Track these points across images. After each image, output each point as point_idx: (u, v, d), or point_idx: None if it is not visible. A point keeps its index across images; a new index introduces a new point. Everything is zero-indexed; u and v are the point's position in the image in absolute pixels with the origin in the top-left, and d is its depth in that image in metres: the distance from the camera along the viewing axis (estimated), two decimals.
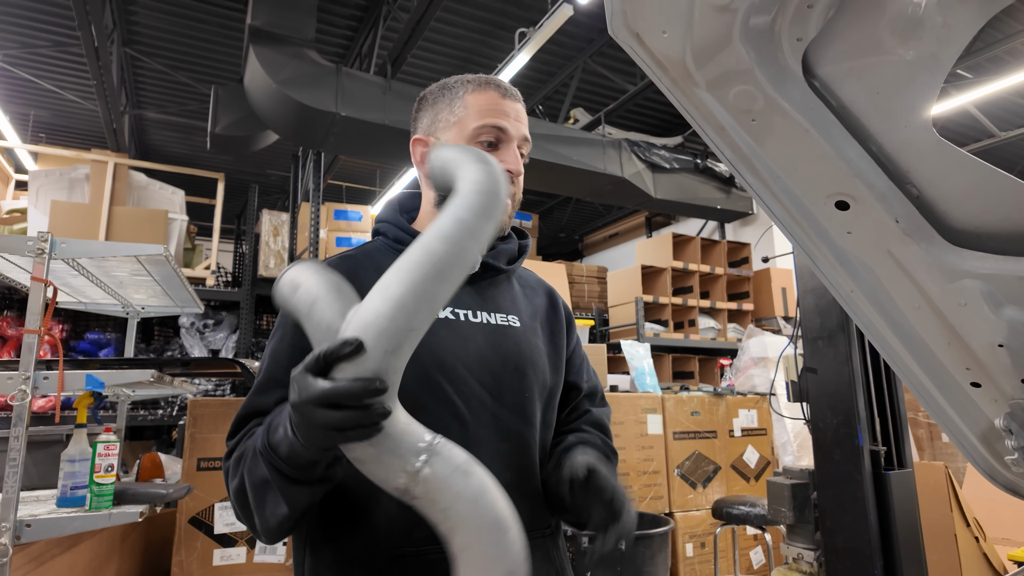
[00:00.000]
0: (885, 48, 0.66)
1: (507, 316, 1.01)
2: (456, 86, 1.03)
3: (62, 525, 1.66)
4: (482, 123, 0.98)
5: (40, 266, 1.69)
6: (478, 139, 0.98)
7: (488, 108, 0.99)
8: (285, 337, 0.91)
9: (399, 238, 1.02)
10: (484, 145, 0.98)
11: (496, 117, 0.98)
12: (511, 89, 1.03)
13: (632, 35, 0.73)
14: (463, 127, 0.99)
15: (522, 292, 1.09)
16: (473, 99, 1.00)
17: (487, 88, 1.01)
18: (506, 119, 0.99)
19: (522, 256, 1.09)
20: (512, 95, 1.03)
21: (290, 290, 0.75)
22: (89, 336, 4.87)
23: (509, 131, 0.99)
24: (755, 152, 0.80)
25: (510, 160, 0.98)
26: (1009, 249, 0.76)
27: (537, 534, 0.92)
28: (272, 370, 0.89)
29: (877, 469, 1.83)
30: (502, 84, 1.03)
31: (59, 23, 5.13)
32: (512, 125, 0.99)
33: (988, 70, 5.70)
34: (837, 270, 0.88)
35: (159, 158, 7.53)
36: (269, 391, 0.88)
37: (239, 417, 0.88)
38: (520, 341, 1.00)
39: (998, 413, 0.91)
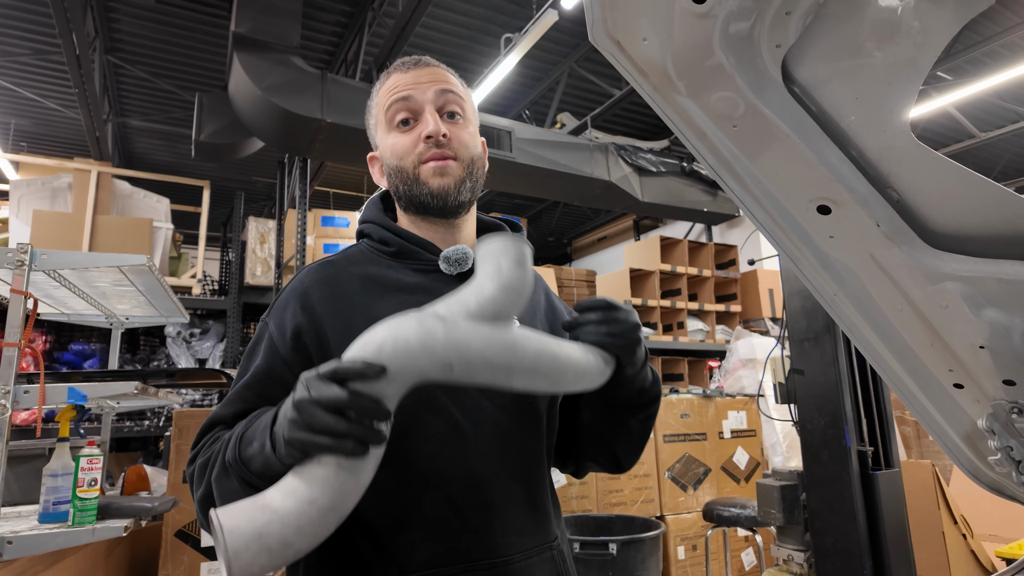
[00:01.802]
0: (863, 53, 0.67)
1: None
2: (373, 90, 1.02)
3: (44, 541, 1.63)
4: (387, 103, 0.95)
5: (20, 278, 1.66)
6: (394, 123, 0.95)
7: (391, 89, 0.96)
8: (265, 358, 0.87)
9: (385, 239, 0.96)
10: (399, 126, 0.94)
11: (399, 92, 0.94)
12: (416, 59, 0.99)
13: (613, 42, 0.73)
14: (380, 120, 0.97)
15: None
16: (382, 92, 0.98)
17: (391, 73, 0.98)
18: (412, 88, 0.94)
19: None
20: (417, 64, 0.98)
21: None
22: (73, 347, 4.81)
23: (413, 96, 0.94)
24: (737, 157, 0.80)
25: (427, 126, 0.92)
26: (988, 252, 0.77)
27: (545, 548, 0.89)
28: (242, 387, 0.86)
29: (865, 469, 1.84)
30: (408, 59, 0.99)
31: (40, 31, 5.08)
32: (416, 91, 0.94)
33: (967, 72, 5.79)
34: (820, 274, 0.88)
35: (143, 166, 7.47)
36: (232, 403, 0.85)
37: (205, 425, 0.86)
38: None
39: (981, 414, 0.91)
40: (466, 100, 0.99)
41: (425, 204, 0.93)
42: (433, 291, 0.90)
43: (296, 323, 0.86)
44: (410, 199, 0.94)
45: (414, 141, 0.93)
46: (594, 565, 2.35)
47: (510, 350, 0.71)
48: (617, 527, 2.80)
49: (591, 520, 2.88)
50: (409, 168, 0.93)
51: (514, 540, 0.84)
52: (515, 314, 0.76)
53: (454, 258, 0.92)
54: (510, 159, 4.92)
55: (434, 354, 0.67)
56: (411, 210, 0.96)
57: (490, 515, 0.82)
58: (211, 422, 0.85)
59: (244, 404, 0.84)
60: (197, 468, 0.80)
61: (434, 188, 0.92)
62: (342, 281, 0.91)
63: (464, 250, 0.93)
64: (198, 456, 0.82)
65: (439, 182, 0.92)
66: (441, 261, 0.93)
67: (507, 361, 0.71)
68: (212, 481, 0.76)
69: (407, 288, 0.91)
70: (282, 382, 0.83)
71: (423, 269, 0.93)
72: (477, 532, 0.81)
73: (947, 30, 0.62)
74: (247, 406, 0.84)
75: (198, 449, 0.83)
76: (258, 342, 0.90)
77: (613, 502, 3.17)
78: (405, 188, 0.94)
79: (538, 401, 0.94)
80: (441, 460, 0.82)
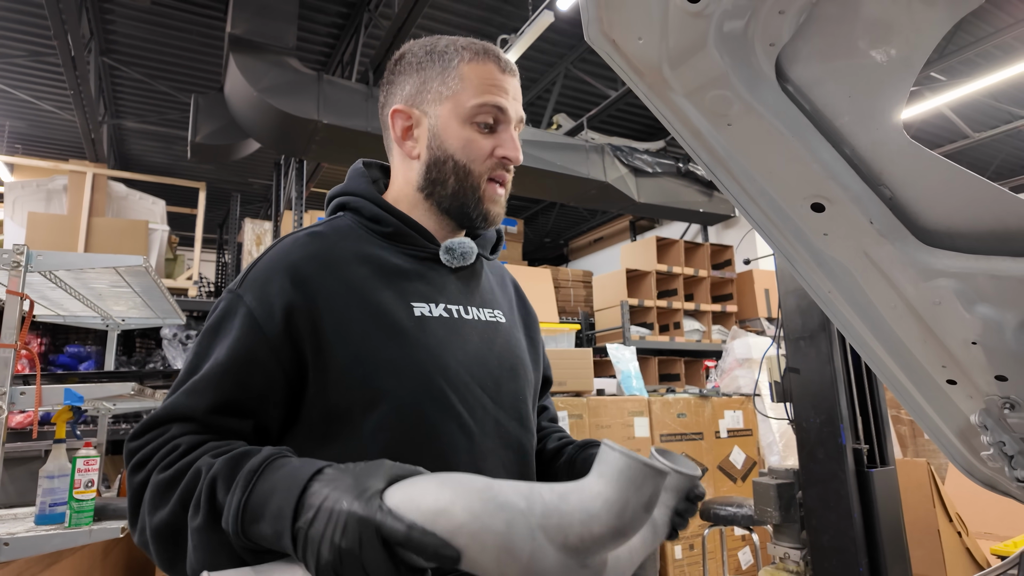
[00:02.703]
0: (856, 52, 0.67)
1: (493, 311, 0.94)
2: (450, 52, 0.90)
3: (41, 543, 1.62)
4: (481, 101, 0.87)
5: (16, 279, 1.66)
6: (475, 119, 0.88)
7: (488, 83, 0.88)
8: (243, 338, 0.75)
9: (378, 217, 0.88)
10: (481, 127, 0.88)
11: (497, 95, 0.88)
12: (509, 62, 0.92)
13: (608, 41, 0.74)
14: (458, 103, 0.87)
15: (495, 280, 1.01)
16: (470, 70, 0.88)
17: (486, 59, 0.89)
18: (506, 97, 0.89)
19: (499, 243, 1.02)
20: (511, 69, 0.92)
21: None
22: (68, 349, 4.80)
23: (509, 112, 0.89)
24: (731, 156, 0.81)
25: (508, 145, 0.89)
26: (980, 248, 0.77)
27: None
28: (215, 374, 0.73)
29: (860, 467, 1.85)
30: (501, 55, 0.91)
31: (35, 32, 5.07)
32: (511, 105, 0.89)
33: (961, 72, 5.82)
34: (815, 271, 0.89)
35: (139, 168, 7.45)
36: (202, 393, 0.73)
37: (161, 416, 0.73)
38: (509, 338, 0.93)
39: (974, 409, 0.92)
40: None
41: (469, 217, 0.90)
42: (431, 280, 0.88)
43: (287, 300, 0.77)
44: (457, 201, 0.89)
45: (491, 150, 0.89)
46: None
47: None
48: None
49: None
50: (477, 176, 0.89)
51: None
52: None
53: (459, 251, 0.89)
54: None
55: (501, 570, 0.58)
56: (442, 204, 0.90)
57: None
58: (169, 414, 0.73)
59: (219, 394, 0.73)
60: (155, 485, 0.68)
61: (490, 213, 0.90)
62: (337, 257, 0.83)
63: (468, 244, 0.90)
64: (150, 463, 0.70)
65: (496, 209, 0.91)
66: (443, 252, 0.89)
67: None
68: (192, 529, 0.65)
69: (405, 274, 0.86)
70: (264, 369, 0.75)
71: (418, 255, 0.89)
72: None
73: (938, 29, 0.63)
74: (224, 397, 0.73)
75: (149, 451, 0.71)
76: (227, 318, 0.77)
77: None
78: (458, 188, 0.89)
79: (528, 400, 0.93)
80: (453, 459, 0.80)
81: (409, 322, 0.82)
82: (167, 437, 0.71)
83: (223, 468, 0.65)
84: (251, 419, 0.75)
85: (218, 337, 0.77)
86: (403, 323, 0.81)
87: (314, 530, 0.57)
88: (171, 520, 0.67)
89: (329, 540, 0.56)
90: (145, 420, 0.73)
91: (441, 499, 0.58)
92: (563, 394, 3.28)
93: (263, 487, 0.62)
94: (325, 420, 0.78)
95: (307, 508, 0.59)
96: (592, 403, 3.26)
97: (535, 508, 0.60)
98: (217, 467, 0.65)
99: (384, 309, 0.81)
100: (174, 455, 0.69)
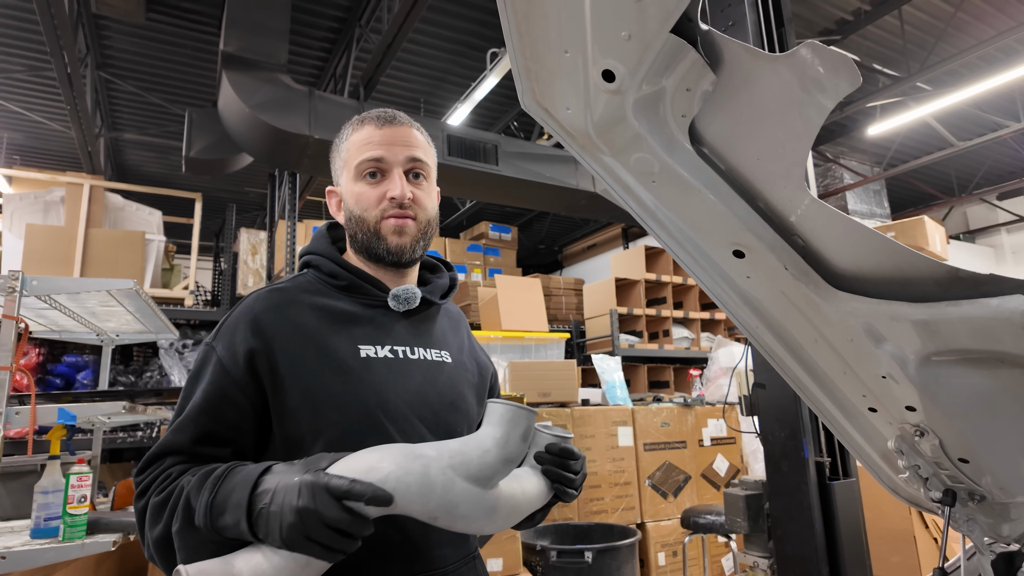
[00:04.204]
0: (757, 121, 0.75)
1: (440, 352, 1.04)
2: (344, 130, 1.06)
3: (36, 556, 1.70)
4: (360, 159, 0.99)
5: (11, 303, 1.73)
6: (362, 176, 1.00)
7: (365, 142, 1.00)
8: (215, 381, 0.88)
9: (334, 272, 1.01)
10: (367, 179, 1.00)
11: (371, 149, 0.99)
12: (391, 115, 1.03)
13: (541, 109, 0.82)
14: (349, 168, 1.02)
15: (450, 326, 1.12)
16: (354, 138, 1.02)
17: (364, 123, 1.03)
18: (382, 148, 0.99)
19: (452, 289, 1.11)
20: (392, 121, 1.02)
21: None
22: (66, 359, 4.87)
23: (387, 159, 0.99)
24: (658, 208, 0.88)
25: (392, 187, 0.98)
26: (883, 292, 0.85)
27: (469, 559, 0.99)
28: (194, 413, 0.87)
29: (823, 479, 1.92)
30: (382, 114, 1.03)
31: (32, 47, 5.15)
32: (390, 152, 1.00)
33: (945, 83, 5.91)
34: (742, 308, 0.97)
35: (135, 179, 7.53)
36: (185, 429, 0.86)
37: (155, 453, 0.86)
38: (453, 376, 1.04)
39: (892, 435, 1.00)
40: (430, 163, 1.05)
41: (380, 256, 1.00)
42: (380, 325, 0.99)
43: (248, 347, 0.89)
44: (367, 247, 1.01)
45: (379, 196, 0.99)
46: (570, 573, 2.43)
47: (490, 512, 0.81)
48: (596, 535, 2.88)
49: (571, 528, 2.96)
50: (371, 221, 0.99)
51: (447, 553, 0.93)
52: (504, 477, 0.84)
53: (403, 297, 1.00)
54: (496, 172, 5.01)
55: (427, 504, 0.75)
56: (364, 254, 1.02)
57: (427, 530, 0.91)
58: (162, 450, 0.86)
59: (198, 429, 0.86)
60: (152, 507, 0.81)
61: (392, 246, 0.99)
62: (293, 308, 0.95)
63: (412, 290, 1.01)
64: (150, 491, 0.83)
65: (397, 241, 0.99)
66: (391, 299, 1.00)
67: (483, 520, 0.81)
68: (174, 533, 0.78)
69: (356, 320, 0.97)
70: (235, 405, 0.87)
71: (371, 304, 1.00)
72: (417, 547, 0.90)
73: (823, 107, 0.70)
74: (202, 431, 0.86)
75: (148, 481, 0.84)
76: (203, 366, 0.90)
77: (594, 510, 3.25)
78: (363, 237, 1.00)
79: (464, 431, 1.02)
80: None
81: (355, 362, 0.93)
82: (161, 468, 0.85)
83: (196, 480, 0.80)
84: (229, 447, 0.88)
85: (197, 383, 0.90)
86: (349, 363, 0.92)
87: (275, 505, 0.71)
88: (164, 533, 0.80)
89: (290, 505, 0.70)
90: (146, 456, 0.87)
91: (371, 459, 0.76)
92: (548, 405, 3.35)
93: (226, 487, 0.77)
94: (285, 446, 0.89)
95: (263, 494, 0.73)
96: (577, 413, 3.34)
97: (443, 453, 0.80)
98: (192, 480, 0.80)
99: (333, 351, 0.92)
100: (167, 481, 0.83)
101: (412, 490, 0.74)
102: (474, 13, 5.00)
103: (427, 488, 0.75)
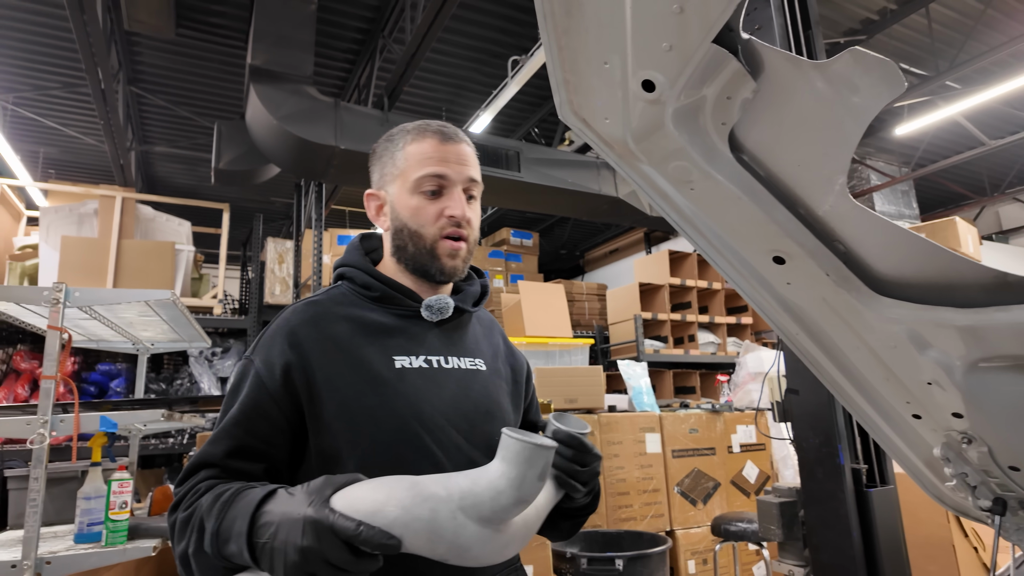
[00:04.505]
0: (798, 129, 0.75)
1: (474, 360, 1.04)
2: (397, 137, 1.04)
3: (80, 561, 1.74)
4: (422, 173, 0.99)
5: (56, 314, 1.79)
6: (420, 189, 0.99)
7: (427, 156, 0.99)
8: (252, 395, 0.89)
9: (367, 284, 1.01)
10: (427, 194, 0.99)
11: (435, 165, 0.99)
12: (451, 132, 1.03)
13: (579, 119, 0.83)
14: (406, 178, 1.00)
15: (482, 333, 1.11)
16: (413, 149, 1.01)
17: (425, 136, 1.01)
18: (445, 165, 0.99)
19: (484, 296, 1.11)
20: (453, 138, 1.02)
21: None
22: (100, 367, 4.99)
23: (450, 176, 0.99)
24: (697, 215, 0.88)
25: (453, 205, 0.99)
26: (927, 298, 0.84)
27: (512, 569, 0.99)
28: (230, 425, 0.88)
29: (859, 487, 1.89)
30: (443, 129, 1.03)
31: (68, 65, 5.31)
32: (453, 170, 1.00)
33: (976, 81, 5.80)
34: (781, 315, 0.96)
35: (165, 190, 7.70)
36: (220, 441, 0.87)
37: (192, 465, 0.87)
38: (488, 384, 1.03)
39: (937, 443, 0.98)
40: (480, 183, 1.05)
41: (431, 275, 1.01)
42: (414, 335, 0.99)
43: (285, 360, 0.90)
44: (417, 262, 1.00)
45: (437, 213, 0.99)
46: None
47: (502, 549, 0.78)
48: (625, 543, 2.86)
49: (600, 536, 2.95)
50: (428, 238, 0.99)
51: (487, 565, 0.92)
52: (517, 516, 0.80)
53: (437, 307, 1.00)
54: (518, 179, 5.03)
55: (435, 549, 0.73)
56: (408, 266, 1.02)
57: None
58: (199, 463, 0.87)
59: (233, 441, 0.87)
60: (179, 522, 0.83)
61: (447, 268, 1.00)
62: (328, 321, 0.95)
63: (445, 300, 1.01)
64: (180, 505, 0.84)
65: (451, 263, 1.00)
66: (424, 309, 1.01)
67: (495, 557, 0.78)
68: (190, 555, 0.80)
69: (390, 331, 0.98)
70: (269, 418, 0.88)
71: (403, 314, 1.01)
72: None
73: (866, 114, 0.70)
74: (236, 443, 0.87)
75: (181, 495, 0.85)
76: (242, 379, 0.91)
77: (623, 517, 3.23)
78: (415, 251, 1.00)
79: None
80: None
81: (389, 373, 0.93)
82: (193, 483, 0.86)
83: (208, 504, 0.80)
84: (262, 462, 0.88)
85: (236, 396, 0.91)
86: (384, 374, 0.93)
87: (278, 540, 0.71)
88: (184, 552, 0.81)
89: (293, 544, 0.69)
90: (184, 468, 0.88)
91: (377, 500, 0.72)
92: (574, 411, 3.35)
93: (230, 515, 0.77)
94: (320, 460, 0.90)
95: (266, 526, 0.73)
96: (603, 420, 3.32)
97: (453, 493, 0.75)
98: (206, 503, 0.81)
99: (367, 363, 0.93)
100: (194, 497, 0.84)
101: (421, 536, 0.72)
102: (495, 21, 5.04)
103: (436, 535, 0.72)
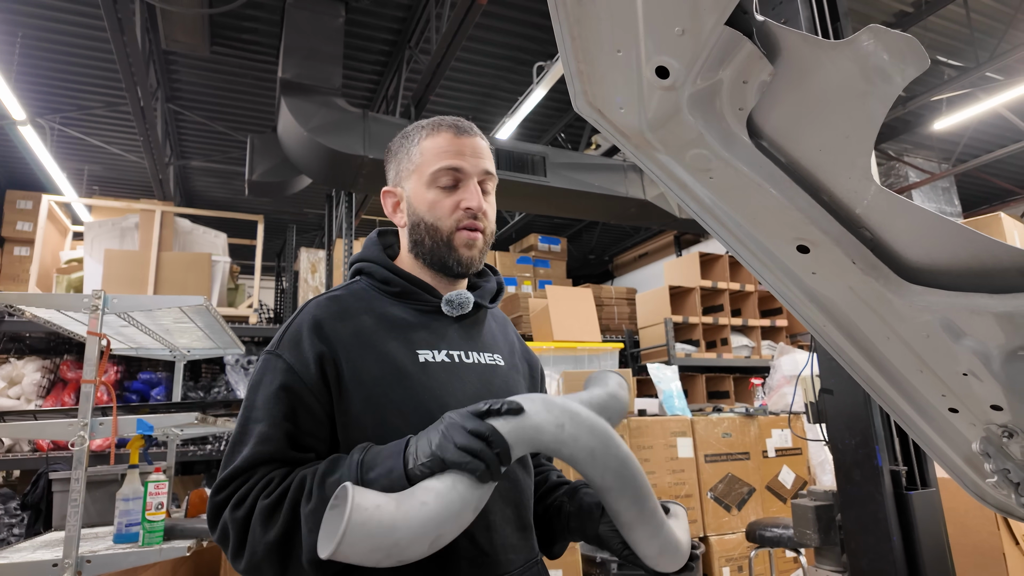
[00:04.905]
0: (819, 111, 0.73)
1: (492, 355, 1.05)
2: (412, 133, 1.05)
3: (118, 560, 1.79)
4: (438, 166, 1.00)
5: (95, 320, 1.85)
6: (437, 183, 1.00)
7: (442, 150, 1.01)
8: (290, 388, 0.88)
9: (387, 279, 1.02)
10: (443, 188, 1.00)
11: (451, 158, 1.00)
12: (466, 126, 1.04)
13: (594, 110, 0.82)
14: (421, 173, 1.01)
15: (498, 329, 1.12)
16: (428, 143, 1.02)
17: (440, 130, 1.03)
18: (461, 158, 1.00)
19: (500, 293, 1.12)
20: (468, 131, 1.04)
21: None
22: (142, 376, 5.14)
23: (466, 169, 1.00)
24: (717, 204, 0.87)
25: (470, 197, 1.00)
26: (961, 284, 0.81)
27: (532, 563, 0.99)
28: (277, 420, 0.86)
29: (899, 489, 1.83)
30: (457, 123, 1.04)
31: (109, 84, 5.52)
32: (468, 162, 1.01)
33: (1019, 71, 5.59)
34: (807, 306, 0.94)
35: (202, 203, 7.92)
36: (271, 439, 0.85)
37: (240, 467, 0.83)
38: (507, 379, 1.05)
39: (976, 437, 0.94)
40: (495, 176, 1.06)
41: (448, 267, 1.02)
42: (435, 330, 1.00)
43: (317, 351, 0.90)
44: (435, 256, 1.02)
45: (454, 206, 1.00)
46: None
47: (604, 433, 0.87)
48: None
49: None
50: (445, 231, 1.00)
51: (512, 557, 0.93)
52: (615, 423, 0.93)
53: (457, 302, 1.01)
54: (545, 183, 5.03)
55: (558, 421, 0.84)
56: (426, 260, 1.03)
57: (492, 536, 0.91)
58: (251, 463, 0.84)
59: (286, 436, 0.85)
60: (260, 511, 0.79)
61: (464, 258, 1.01)
62: (351, 315, 0.96)
63: (465, 295, 1.02)
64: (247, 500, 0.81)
65: (468, 253, 1.01)
66: (444, 303, 1.01)
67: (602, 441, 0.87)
68: (305, 515, 0.77)
69: (411, 325, 0.99)
70: (311, 412, 0.88)
71: (423, 309, 1.01)
72: (485, 553, 0.90)
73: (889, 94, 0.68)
74: (290, 438, 0.86)
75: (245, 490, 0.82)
76: (268, 374, 0.90)
77: None
78: (432, 244, 1.01)
79: None
80: None
81: (414, 367, 0.94)
82: (258, 477, 0.84)
83: (327, 464, 0.82)
84: (312, 452, 0.89)
85: (259, 392, 0.89)
86: (408, 368, 0.93)
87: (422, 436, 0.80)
88: (285, 529, 0.78)
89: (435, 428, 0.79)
90: (223, 476, 0.85)
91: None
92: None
93: (372, 453, 0.81)
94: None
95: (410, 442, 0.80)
96: (633, 424, 3.28)
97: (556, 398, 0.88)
98: (323, 465, 0.82)
99: (392, 357, 0.94)
100: (272, 485, 0.82)
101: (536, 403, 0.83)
102: (519, 28, 5.06)
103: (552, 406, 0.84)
